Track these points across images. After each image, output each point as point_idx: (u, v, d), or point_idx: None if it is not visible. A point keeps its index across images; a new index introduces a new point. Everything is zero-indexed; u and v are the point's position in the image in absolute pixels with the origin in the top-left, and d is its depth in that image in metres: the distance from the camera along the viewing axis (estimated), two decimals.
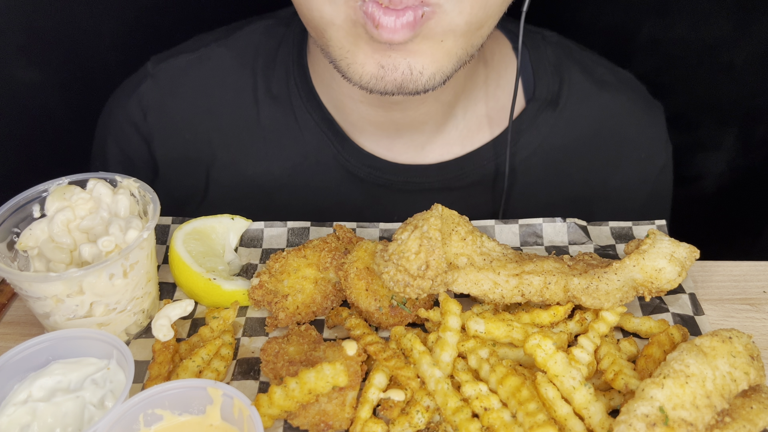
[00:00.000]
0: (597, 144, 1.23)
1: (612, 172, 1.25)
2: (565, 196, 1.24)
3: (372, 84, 0.93)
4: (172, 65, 1.24)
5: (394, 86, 0.93)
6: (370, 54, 0.91)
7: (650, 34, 1.58)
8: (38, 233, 0.89)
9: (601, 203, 1.26)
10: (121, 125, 1.25)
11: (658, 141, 1.28)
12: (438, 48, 0.91)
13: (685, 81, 1.63)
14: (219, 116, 1.21)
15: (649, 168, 1.28)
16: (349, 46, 0.92)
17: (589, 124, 1.23)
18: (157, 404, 0.76)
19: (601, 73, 1.26)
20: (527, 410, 0.74)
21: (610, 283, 0.87)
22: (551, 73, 1.22)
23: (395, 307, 0.89)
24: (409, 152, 1.18)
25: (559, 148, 1.21)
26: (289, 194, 1.21)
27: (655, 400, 0.70)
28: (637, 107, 1.27)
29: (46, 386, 0.79)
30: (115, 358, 0.81)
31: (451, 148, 1.19)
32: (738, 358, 0.76)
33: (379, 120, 1.13)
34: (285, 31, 1.22)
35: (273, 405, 0.76)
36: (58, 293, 0.82)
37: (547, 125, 1.20)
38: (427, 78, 0.93)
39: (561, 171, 1.23)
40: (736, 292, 0.97)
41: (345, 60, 0.94)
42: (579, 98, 1.22)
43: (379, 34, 0.87)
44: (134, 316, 0.90)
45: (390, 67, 0.91)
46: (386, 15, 0.86)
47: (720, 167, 1.71)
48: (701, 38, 1.57)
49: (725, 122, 1.66)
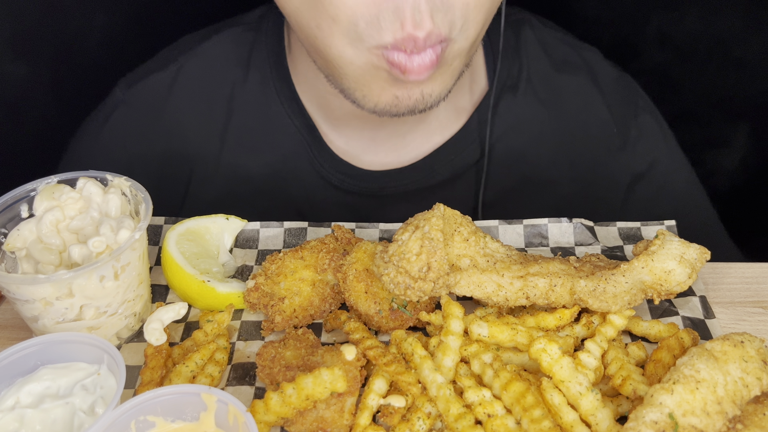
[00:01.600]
0: (561, 127, 1.25)
1: (580, 153, 1.26)
2: (533, 181, 1.25)
3: (386, 110, 0.99)
4: (143, 88, 1.24)
5: (407, 110, 0.99)
6: (387, 87, 0.96)
7: (659, 28, 1.58)
8: (26, 234, 0.89)
9: (574, 186, 1.27)
10: (94, 156, 1.25)
11: (625, 116, 1.28)
12: (447, 71, 0.97)
13: (695, 76, 1.62)
14: (194, 131, 1.23)
15: (620, 146, 1.28)
16: (365, 81, 0.96)
17: (550, 107, 1.24)
18: (149, 411, 0.76)
19: (562, 52, 1.27)
20: (532, 417, 0.74)
21: (618, 285, 0.87)
22: (510, 57, 1.23)
23: (395, 310, 0.88)
24: (391, 141, 1.20)
25: (524, 134, 1.23)
26: (267, 201, 1.22)
27: (664, 407, 0.70)
28: (599, 85, 1.27)
29: (34, 392, 0.78)
30: (105, 363, 0.81)
31: (431, 137, 1.21)
32: (750, 363, 0.76)
33: (364, 114, 1.14)
34: (255, 36, 1.23)
35: (269, 411, 0.75)
36: (47, 296, 0.82)
37: (510, 112, 1.22)
38: (436, 98, 0.99)
39: (529, 157, 1.24)
40: (748, 294, 0.97)
41: (359, 92, 0.98)
42: (538, 81, 1.24)
43: (406, 78, 0.92)
44: (125, 319, 0.89)
45: (404, 97, 0.97)
46: (411, 60, 0.90)
47: (731, 165, 1.71)
48: (712, 32, 1.57)
49: (736, 119, 1.66)
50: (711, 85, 1.64)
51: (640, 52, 1.58)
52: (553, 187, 1.26)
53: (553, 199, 1.20)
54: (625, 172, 1.29)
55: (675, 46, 1.59)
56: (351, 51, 0.92)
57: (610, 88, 1.28)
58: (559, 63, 1.25)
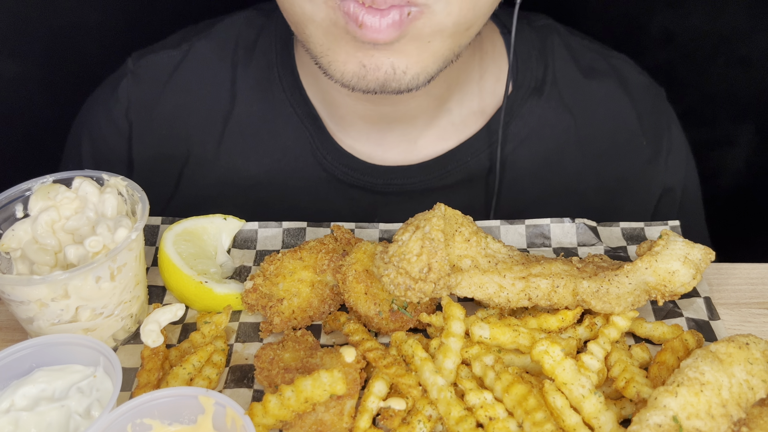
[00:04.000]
0: (588, 134, 1.23)
1: (607, 163, 1.24)
2: (557, 190, 1.23)
3: (353, 82, 0.94)
4: (152, 61, 1.24)
5: (377, 85, 0.94)
6: (352, 53, 0.92)
7: (663, 26, 1.58)
8: (21, 234, 0.89)
9: (595, 197, 1.25)
10: (100, 123, 1.26)
11: (657, 128, 1.27)
12: (424, 49, 0.93)
13: (700, 74, 1.63)
14: (197, 112, 1.22)
15: (650, 158, 1.26)
16: (330, 44, 0.93)
17: (577, 113, 1.22)
18: (145, 413, 0.76)
19: (590, 58, 1.25)
20: (534, 420, 0.74)
21: (621, 286, 0.87)
22: (535, 59, 1.21)
23: (396, 311, 0.89)
24: (401, 146, 1.18)
25: (548, 139, 1.21)
26: (266, 193, 1.21)
27: (668, 409, 0.70)
28: (630, 94, 1.25)
29: (29, 395, 0.78)
30: (101, 365, 0.81)
31: (445, 142, 1.19)
32: (755, 365, 0.76)
33: (369, 114, 1.13)
34: (265, 21, 1.23)
35: (267, 414, 0.76)
36: (42, 297, 0.82)
37: (534, 115, 1.20)
38: (410, 78, 0.94)
39: (552, 163, 1.22)
40: (753, 295, 0.97)
41: (326, 57, 0.95)
42: (564, 85, 1.22)
43: (362, 34, 0.88)
44: (122, 321, 0.90)
45: (372, 67, 0.92)
46: (369, 14, 0.87)
47: (736, 164, 1.71)
48: (716, 30, 1.57)
49: (741, 118, 1.66)
50: (715, 84, 1.64)
51: (642, 50, 1.58)
52: (578, 196, 1.23)
53: (577, 209, 1.16)
54: (656, 185, 1.27)
55: (679, 43, 1.59)
56: (309, 6, 0.91)
57: (640, 96, 1.26)
58: (586, 69, 1.24)
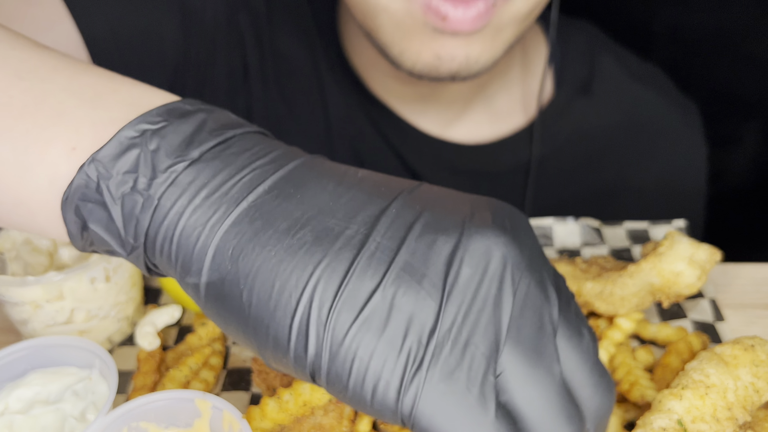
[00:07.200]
0: (631, 136, 1.24)
1: (646, 166, 1.25)
2: (594, 190, 1.23)
3: (425, 72, 0.93)
4: None
5: (449, 74, 0.93)
6: (426, 42, 0.90)
7: (667, 22, 1.58)
8: (15, 234, 0.89)
9: (633, 199, 1.26)
10: None
11: (692, 138, 1.29)
12: (497, 36, 0.92)
13: (705, 72, 1.63)
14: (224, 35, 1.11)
15: (683, 166, 1.28)
16: (403, 34, 0.91)
17: (622, 114, 1.23)
18: (141, 417, 0.76)
19: (634, 62, 1.27)
20: None
21: (626, 287, 0.87)
22: (581, 60, 1.22)
23: None
24: (434, 127, 1.17)
25: (592, 138, 1.22)
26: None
27: (673, 413, 0.70)
28: (671, 102, 1.27)
29: (23, 398, 0.78)
30: (97, 367, 0.81)
31: (479, 128, 1.18)
32: (761, 367, 0.76)
33: (406, 93, 1.12)
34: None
35: (265, 418, 0.76)
36: (37, 298, 0.82)
37: (579, 112, 1.21)
38: (482, 66, 0.93)
39: (593, 162, 1.23)
40: (759, 296, 0.97)
41: (397, 47, 0.93)
42: (612, 86, 1.23)
43: (445, 25, 0.86)
44: (117, 322, 0.90)
45: (447, 57, 0.91)
46: (455, 8, 0.85)
47: (742, 163, 1.71)
48: (722, 26, 1.57)
49: (748, 116, 1.66)
50: (721, 82, 1.64)
51: (647, 47, 1.58)
52: (620, 199, 1.24)
53: (619, 213, 1.15)
54: (693, 190, 1.30)
55: (684, 40, 1.59)
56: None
57: (680, 102, 1.28)
58: (632, 71, 1.25)
